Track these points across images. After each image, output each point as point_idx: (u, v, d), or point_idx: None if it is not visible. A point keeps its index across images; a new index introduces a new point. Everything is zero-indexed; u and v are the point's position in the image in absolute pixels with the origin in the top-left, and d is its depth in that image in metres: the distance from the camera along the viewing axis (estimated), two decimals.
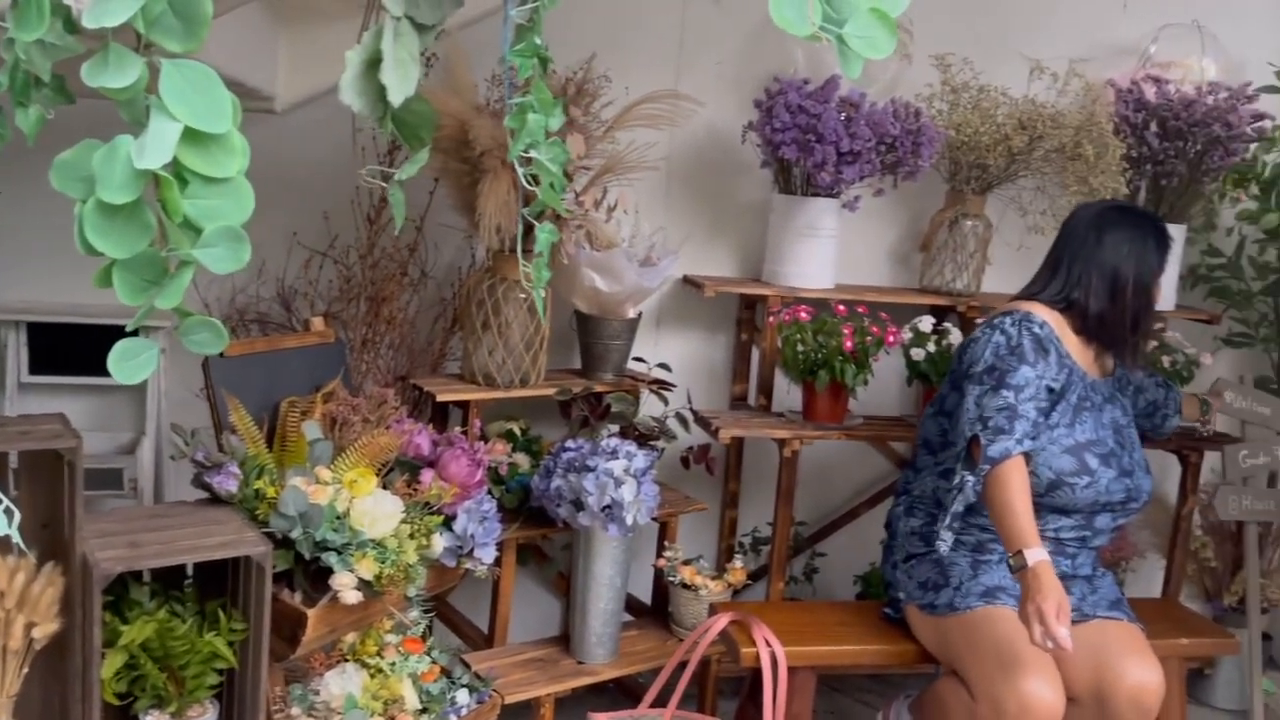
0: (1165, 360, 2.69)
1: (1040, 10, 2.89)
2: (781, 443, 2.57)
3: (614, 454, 2.19)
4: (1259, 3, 3.04)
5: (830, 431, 2.59)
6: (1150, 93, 2.77)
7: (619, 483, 2.11)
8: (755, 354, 2.86)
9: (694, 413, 2.60)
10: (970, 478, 1.97)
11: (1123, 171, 2.67)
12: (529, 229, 2.42)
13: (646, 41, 2.71)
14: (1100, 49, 2.91)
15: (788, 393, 2.72)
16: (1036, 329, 2.07)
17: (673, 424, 2.54)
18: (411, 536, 1.83)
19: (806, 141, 2.51)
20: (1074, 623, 2.02)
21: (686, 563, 2.46)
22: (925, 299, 2.83)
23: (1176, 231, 2.85)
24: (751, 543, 2.90)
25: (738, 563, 2.48)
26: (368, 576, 1.77)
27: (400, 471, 1.99)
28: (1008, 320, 2.09)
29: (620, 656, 2.34)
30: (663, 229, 2.61)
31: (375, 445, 1.90)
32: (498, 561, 2.32)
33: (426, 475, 1.95)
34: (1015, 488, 1.92)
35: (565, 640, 2.38)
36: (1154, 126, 2.76)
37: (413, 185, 2.46)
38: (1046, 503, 2.07)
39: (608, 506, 2.12)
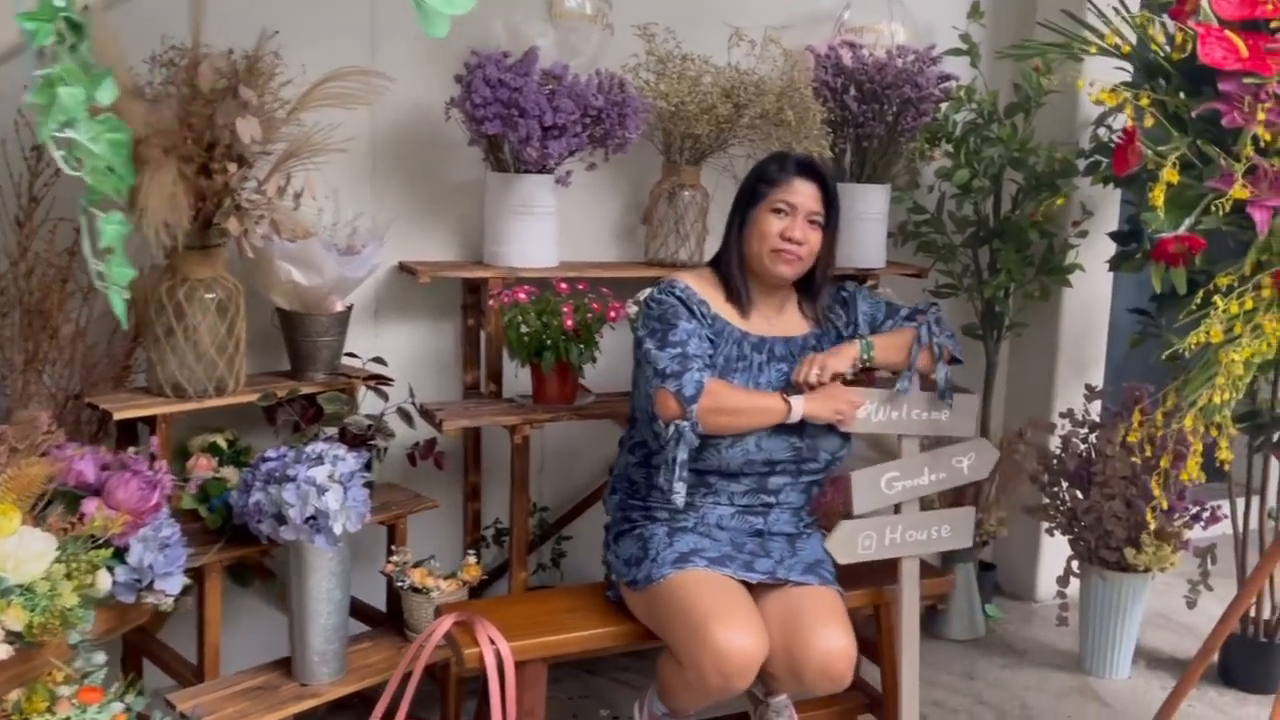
0: None
1: None
2: (511, 429, 2.49)
3: (319, 460, 2.04)
4: None
5: (561, 413, 2.52)
6: (847, 58, 2.86)
7: (322, 490, 1.96)
8: (484, 340, 2.76)
9: (416, 406, 2.47)
10: (684, 423, 1.99)
11: (825, 135, 2.74)
12: (206, 224, 2.24)
13: (335, 16, 2.54)
14: (799, 16, 2.96)
15: (515, 377, 2.64)
16: (677, 292, 2.13)
17: (394, 421, 2.41)
18: (69, 576, 1.62)
19: (510, 116, 2.42)
20: (768, 586, 2.05)
21: (418, 565, 2.34)
22: (652, 271, 2.80)
23: (879, 191, 2.96)
24: (494, 535, 2.81)
25: (471, 558, 2.38)
26: (17, 627, 1.55)
27: (61, 503, 1.77)
28: (654, 291, 2.17)
29: (349, 673, 2.20)
30: (363, 214, 2.46)
31: (22, 478, 1.68)
32: (199, 588, 2.14)
33: (90, 505, 1.74)
34: (727, 395, 2.04)
35: (289, 663, 2.21)
36: (852, 91, 2.84)
37: (71, 182, 2.22)
38: (704, 467, 2.09)
39: (312, 517, 1.97)
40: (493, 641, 1.90)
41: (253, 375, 2.48)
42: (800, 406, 2.06)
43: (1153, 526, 2.03)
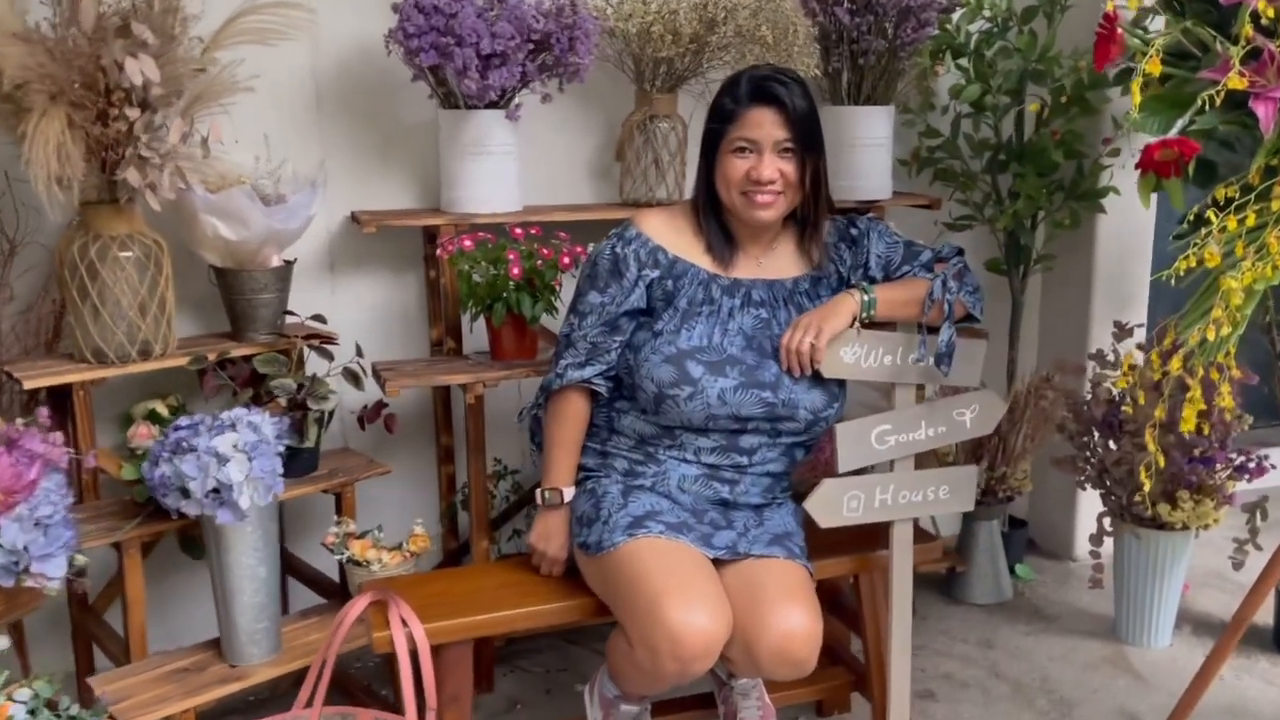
0: None
1: None
2: (464, 389, 2.31)
3: (233, 427, 1.89)
4: None
5: (517, 370, 2.33)
6: None
7: (224, 461, 1.81)
8: (442, 293, 2.58)
9: (362, 366, 2.30)
10: (528, 404, 2.02)
11: (814, 52, 2.46)
12: (113, 176, 2.08)
13: None
14: None
15: (470, 332, 2.46)
16: (619, 248, 1.93)
17: (339, 381, 2.25)
18: None
19: (445, 45, 2.21)
20: (727, 561, 1.84)
21: (362, 535, 2.19)
22: (627, 212, 2.56)
23: (882, 114, 2.67)
24: (462, 501, 2.65)
25: (419, 528, 2.21)
26: None
27: None
28: (609, 237, 1.97)
29: (285, 651, 2.06)
30: (287, 160, 2.27)
31: None
32: (119, 565, 2.02)
33: None
34: (553, 419, 1.96)
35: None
36: (845, 3, 2.55)
37: None
38: (665, 421, 1.89)
39: (215, 490, 1.83)
40: (405, 624, 1.73)
41: (192, 337, 2.35)
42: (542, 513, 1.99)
43: (1146, 488, 1.75)
